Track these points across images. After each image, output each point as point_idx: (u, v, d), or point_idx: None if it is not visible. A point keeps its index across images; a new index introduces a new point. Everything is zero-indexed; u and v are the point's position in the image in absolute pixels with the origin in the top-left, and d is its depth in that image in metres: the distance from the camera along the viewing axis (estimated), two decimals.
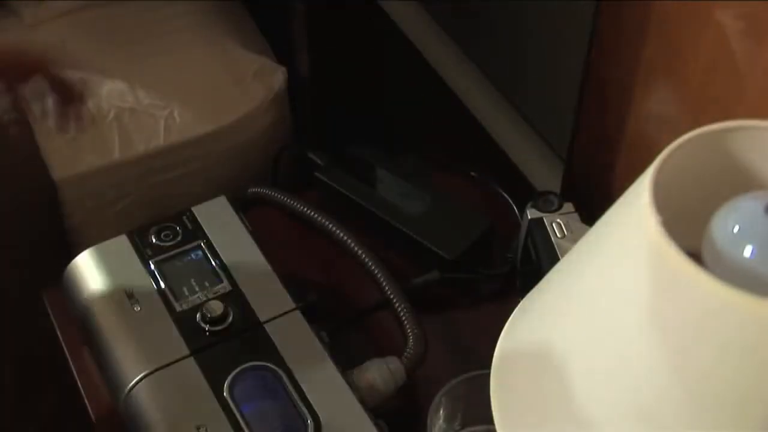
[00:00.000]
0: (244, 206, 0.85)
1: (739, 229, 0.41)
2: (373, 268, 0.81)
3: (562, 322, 0.46)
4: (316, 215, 0.87)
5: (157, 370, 0.71)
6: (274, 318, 0.74)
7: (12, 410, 1.03)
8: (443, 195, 0.87)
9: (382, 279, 0.80)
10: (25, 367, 1.00)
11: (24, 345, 0.97)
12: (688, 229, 0.42)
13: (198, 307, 0.74)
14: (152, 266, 0.78)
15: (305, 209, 0.87)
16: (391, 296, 0.79)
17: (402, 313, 0.78)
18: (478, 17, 1.01)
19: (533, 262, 0.77)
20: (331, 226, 0.85)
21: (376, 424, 0.68)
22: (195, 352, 0.72)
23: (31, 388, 1.02)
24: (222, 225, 0.81)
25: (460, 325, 0.83)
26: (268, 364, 0.71)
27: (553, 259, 0.74)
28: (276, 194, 0.90)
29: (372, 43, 1.22)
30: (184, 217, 0.82)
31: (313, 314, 0.75)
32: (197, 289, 0.76)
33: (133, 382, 0.71)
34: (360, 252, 0.83)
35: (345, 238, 0.84)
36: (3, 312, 0.94)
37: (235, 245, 0.80)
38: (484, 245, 0.85)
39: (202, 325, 0.74)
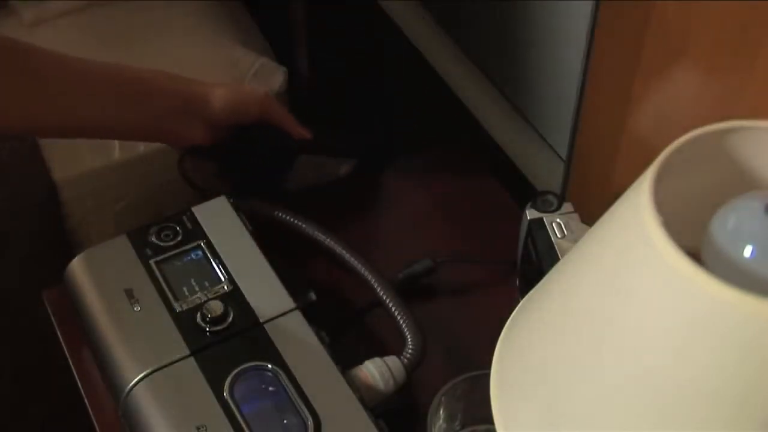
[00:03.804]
0: None
1: (739, 230, 0.41)
2: (364, 273, 0.81)
3: (562, 322, 0.46)
4: (300, 224, 0.86)
5: (157, 370, 0.71)
6: (274, 318, 0.74)
7: (10, 410, 1.03)
8: None
9: (375, 284, 0.80)
10: (24, 367, 1.00)
11: (23, 345, 0.97)
12: (688, 229, 0.42)
13: (198, 307, 0.75)
14: (152, 266, 0.78)
15: (289, 218, 0.87)
16: (387, 300, 0.79)
17: (399, 314, 0.78)
18: (479, 17, 1.01)
19: (533, 262, 0.77)
20: (317, 234, 0.85)
21: (376, 424, 0.68)
22: (195, 352, 0.72)
23: (30, 389, 1.02)
24: (222, 225, 0.81)
25: (460, 324, 0.83)
26: (268, 364, 0.71)
27: (553, 259, 0.74)
28: (257, 204, 0.89)
29: (372, 43, 1.22)
30: (184, 217, 0.82)
31: (313, 314, 0.75)
32: (197, 289, 0.76)
33: (133, 382, 0.71)
34: (350, 257, 0.82)
35: (333, 246, 0.84)
36: (3, 312, 0.94)
37: (235, 245, 0.80)
38: None
39: (202, 325, 0.74)
